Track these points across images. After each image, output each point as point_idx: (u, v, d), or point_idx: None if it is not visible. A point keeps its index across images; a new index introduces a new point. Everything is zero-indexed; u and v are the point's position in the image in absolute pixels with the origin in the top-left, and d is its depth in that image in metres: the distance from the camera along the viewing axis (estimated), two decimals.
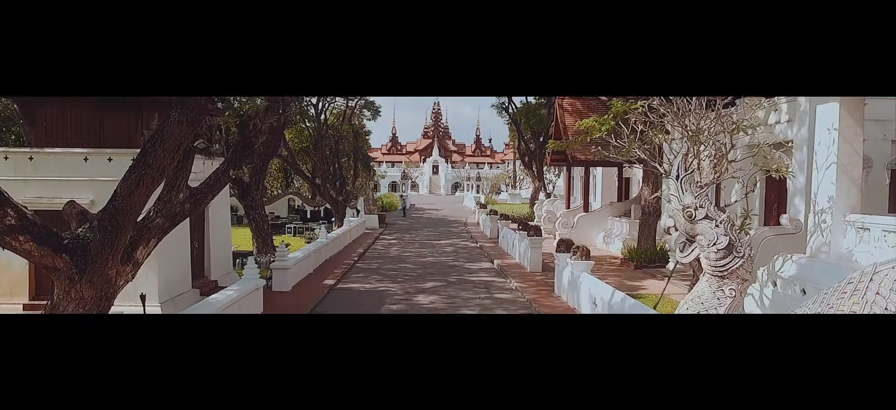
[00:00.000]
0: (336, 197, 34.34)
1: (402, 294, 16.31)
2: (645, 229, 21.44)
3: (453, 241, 31.39)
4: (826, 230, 11.36)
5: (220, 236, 16.13)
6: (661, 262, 20.71)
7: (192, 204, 10.06)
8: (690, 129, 11.58)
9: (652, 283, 17.92)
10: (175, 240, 12.98)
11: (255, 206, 20.99)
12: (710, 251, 7.21)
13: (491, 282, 18.47)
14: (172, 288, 12.87)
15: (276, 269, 15.96)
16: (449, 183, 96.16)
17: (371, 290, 17.02)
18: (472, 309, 14.53)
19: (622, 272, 19.98)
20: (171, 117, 7.67)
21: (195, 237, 14.49)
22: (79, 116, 12.98)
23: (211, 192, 10.29)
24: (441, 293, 16.45)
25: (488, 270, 21.16)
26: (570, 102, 30.89)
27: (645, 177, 21.45)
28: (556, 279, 16.10)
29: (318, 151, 34.05)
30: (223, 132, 26.13)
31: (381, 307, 14.60)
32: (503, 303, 15.23)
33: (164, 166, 8.32)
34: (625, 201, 31.07)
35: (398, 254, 25.53)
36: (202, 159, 13.04)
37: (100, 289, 9.20)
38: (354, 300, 15.61)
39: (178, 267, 13.22)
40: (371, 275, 19.64)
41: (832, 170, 11.14)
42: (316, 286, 17.00)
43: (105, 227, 8.59)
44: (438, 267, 21.55)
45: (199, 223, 14.91)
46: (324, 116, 37.37)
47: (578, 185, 38.72)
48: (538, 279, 18.45)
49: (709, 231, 7.27)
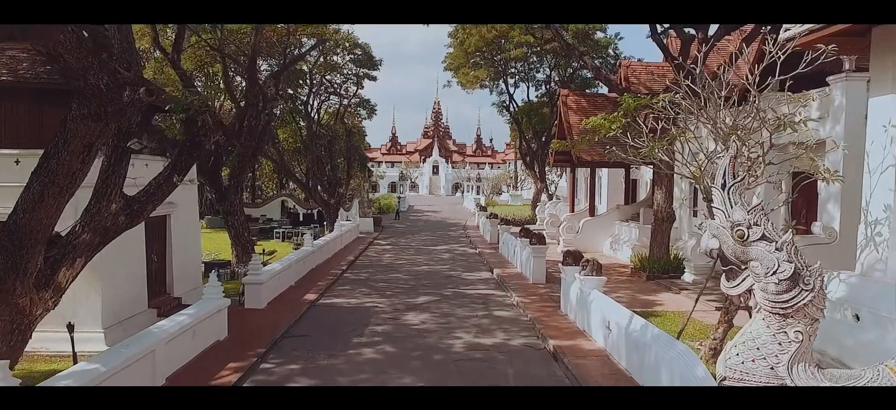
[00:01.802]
0: (328, 200, 32.68)
1: (391, 312, 14.62)
2: (658, 237, 19.73)
3: (451, 247, 29.70)
4: (881, 245, 9.66)
5: (187, 247, 14.45)
6: (675, 272, 19.01)
7: (128, 216, 8.38)
8: (723, 126, 9.86)
9: (667, 297, 16.23)
10: (125, 254, 11.33)
11: (234, 211, 19.36)
12: (769, 282, 5.56)
13: (490, 296, 16.77)
14: (121, 310, 11.21)
15: (249, 284, 14.27)
16: (449, 183, 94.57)
17: (356, 306, 15.33)
18: (468, 331, 12.83)
19: (633, 284, 18.29)
20: (72, 111, 6.03)
21: (154, 249, 12.83)
22: (14, 111, 11.30)
23: (151, 201, 8.61)
24: (434, 310, 14.76)
25: (487, 281, 19.46)
26: (574, 100, 29.22)
27: (657, 180, 19.74)
28: (563, 295, 14.41)
29: (308, 152, 32.42)
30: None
31: (364, 328, 12.91)
32: (503, 323, 13.53)
33: (74, 171, 6.65)
34: (632, 203, 29.37)
35: (391, 262, 23.83)
36: (145, 161, 11.35)
37: (9, 321, 7.53)
38: (336, 319, 13.92)
39: (129, 285, 11.56)
40: (358, 287, 17.94)
41: (890, 174, 9.43)
42: (295, 301, 15.31)
43: (5, 247, 6.92)
44: (433, 278, 19.87)
45: (160, 233, 13.25)
46: (317, 115, 35.74)
47: (583, 186, 37.03)
48: (542, 293, 16.76)
49: (766, 256, 5.60)
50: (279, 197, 46.71)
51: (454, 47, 40.48)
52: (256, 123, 18.83)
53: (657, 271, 19.11)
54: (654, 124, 11.84)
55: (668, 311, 14.42)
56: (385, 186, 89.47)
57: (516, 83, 46.71)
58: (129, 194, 8.46)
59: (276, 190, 48.85)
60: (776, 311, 5.55)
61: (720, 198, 5.98)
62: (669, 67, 28.65)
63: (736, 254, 5.76)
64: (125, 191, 8.46)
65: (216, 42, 19.66)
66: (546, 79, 46.64)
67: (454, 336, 12.39)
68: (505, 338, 12.31)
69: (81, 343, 10.40)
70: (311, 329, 12.88)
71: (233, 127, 19.77)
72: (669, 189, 19.80)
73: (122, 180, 8.19)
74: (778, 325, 5.59)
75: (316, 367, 10.31)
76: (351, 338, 12.12)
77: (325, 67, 33.14)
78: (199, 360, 10.14)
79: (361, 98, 38.72)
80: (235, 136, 18.48)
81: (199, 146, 8.58)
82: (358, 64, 34.47)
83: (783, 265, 5.51)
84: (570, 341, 11.68)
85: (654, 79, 27.53)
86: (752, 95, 9.88)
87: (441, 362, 10.73)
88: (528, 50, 40.21)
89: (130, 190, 8.59)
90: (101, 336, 10.61)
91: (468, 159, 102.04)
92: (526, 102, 46.15)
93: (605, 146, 25.22)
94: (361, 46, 33.61)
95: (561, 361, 10.61)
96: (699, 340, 11.65)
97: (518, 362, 10.80)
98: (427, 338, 12.24)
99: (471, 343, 11.86)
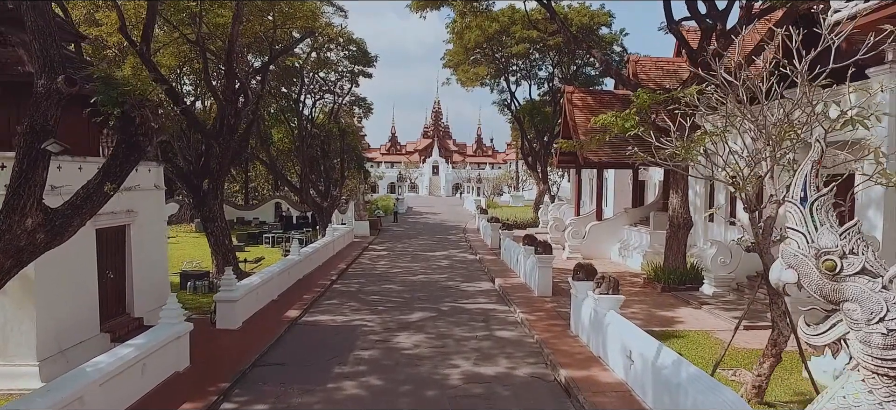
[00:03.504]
0: (321, 203, 31.13)
1: (380, 332, 13.06)
2: (673, 245, 18.17)
3: (450, 252, 28.14)
4: None
5: (152, 260, 12.90)
6: (693, 284, 17.44)
7: (49, 234, 6.81)
8: (772, 124, 8.29)
9: (687, 312, 14.68)
10: (69, 270, 9.79)
11: (214, 217, 17.80)
12: (873, 332, 4.07)
13: (491, 312, 15.21)
14: (64, 337, 9.66)
15: (221, 301, 12.72)
16: (449, 184, 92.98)
17: (343, 325, 13.77)
18: (466, 356, 11.28)
19: (648, 297, 16.74)
20: None
21: (109, 264, 11.28)
22: None
23: (79, 215, 7.04)
24: (429, 330, 13.21)
25: (488, 293, 17.90)
26: (580, 97, 27.65)
27: (673, 182, 18.17)
28: (573, 313, 12.85)
29: (300, 153, 30.87)
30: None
31: (349, 354, 11.36)
32: (506, 347, 11.97)
33: None
34: (641, 206, 27.80)
35: (385, 271, 22.26)
36: (79, 165, 9.77)
37: None
38: (318, 342, 12.36)
39: (74, 307, 10.01)
40: (347, 302, 16.38)
41: None
42: (274, 320, 13.75)
43: None
44: (430, 289, 18.31)
45: (117, 245, 11.70)
46: (311, 114, 34.20)
47: (587, 188, 35.45)
48: (548, 308, 15.21)
49: (869, 297, 4.12)
50: (274, 199, 45.17)
51: (453, 41, 38.88)
52: (236, 122, 17.27)
53: (673, 282, 17.55)
54: (667, 122, 10.29)
55: (689, 330, 12.88)
56: (384, 186, 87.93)
57: (518, 81, 45.22)
58: (55, 205, 6.93)
59: (271, 192, 47.29)
60: (882, 370, 4.04)
61: (799, 216, 4.43)
62: (680, 63, 27.18)
63: (823, 292, 4.22)
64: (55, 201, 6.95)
65: (195, 35, 18.08)
66: (548, 77, 45.13)
67: (451, 364, 10.83)
68: (509, 366, 10.75)
69: (10, 380, 8.88)
70: (288, 356, 11.32)
71: (214, 126, 18.26)
72: (685, 192, 18.24)
73: (40, 189, 6.64)
74: (887, 391, 4.09)
75: (287, 408, 8.76)
76: (332, 367, 10.56)
77: (318, 64, 31.60)
78: (148, 401, 8.58)
79: (357, 96, 37.20)
80: (213, 136, 16.93)
81: (137, 149, 7.03)
82: (353, 61, 32.93)
83: (894, 310, 3.98)
84: (583, 370, 10.11)
85: (664, 75, 25.99)
86: (801, 85, 8.30)
87: (434, 399, 9.17)
88: (530, 46, 38.67)
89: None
90: (36, 371, 9.05)
91: (468, 159, 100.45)
92: (528, 101, 44.61)
93: (617, 147, 23.77)
94: (356, 42, 32.07)
95: (575, 397, 9.05)
96: (733, 369, 10.08)
97: (525, 398, 9.26)
98: (419, 366, 10.69)
99: (470, 374, 10.30)
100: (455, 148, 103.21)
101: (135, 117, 6.92)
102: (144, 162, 13.33)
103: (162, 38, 22.22)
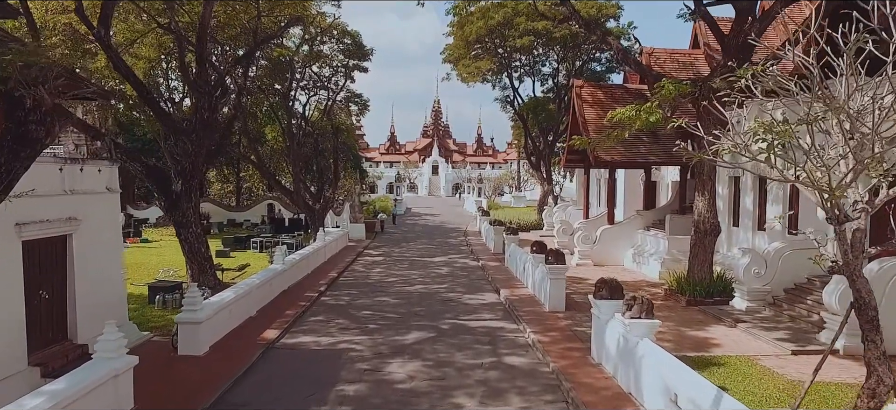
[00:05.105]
0: (312, 205, 29.31)
1: (370, 358, 11.23)
2: (699, 253, 16.30)
3: (450, 258, 26.28)
4: None
5: (103, 275, 11.04)
6: (722, 296, 15.61)
7: None
8: (854, 110, 6.45)
9: (721, 332, 12.86)
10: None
11: (187, 222, 15.95)
12: None
13: (498, 331, 13.37)
14: None
15: (184, 323, 10.86)
16: (449, 184, 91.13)
17: (326, 349, 11.92)
18: (470, 391, 9.45)
19: (672, 312, 14.88)
20: None
21: (43, 283, 9.43)
22: None
23: None
24: (427, 356, 11.36)
25: (494, 307, 16.05)
26: (589, 92, 25.79)
27: (699, 184, 16.31)
28: (595, 336, 11.01)
29: (291, 151, 29.04)
30: None
31: (330, 390, 9.51)
32: (517, 379, 10.13)
33: None
34: (653, 209, 25.95)
35: (379, 280, 20.40)
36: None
37: None
38: (295, 372, 10.52)
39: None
40: (335, 318, 14.54)
41: None
42: (248, 342, 11.91)
43: None
44: (428, 302, 16.46)
45: (56, 259, 9.84)
46: (304, 111, 32.36)
47: (596, 189, 33.59)
48: (562, 326, 13.39)
49: None
50: (266, 200, 43.32)
51: (454, 33, 36.99)
52: (211, 117, 15.43)
53: (700, 294, 15.71)
54: (722, 113, 8.44)
55: (729, 355, 11.04)
56: (383, 186, 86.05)
57: (521, 77, 43.34)
58: None
59: (266, 193, 45.43)
60: None
61: None
62: (697, 55, 25.31)
63: None
64: None
65: (169, 21, 16.24)
66: (553, 72, 43.25)
67: (452, 403, 9.00)
68: (523, 407, 8.92)
69: None
70: (256, 393, 9.47)
71: (190, 121, 16.43)
72: (713, 195, 16.39)
73: None
74: None
75: None
76: (308, 408, 8.74)
77: (310, 58, 29.72)
78: None
79: (352, 92, 35.25)
80: (184, 132, 15.09)
81: (27, 140, 5.19)
82: (348, 54, 31.04)
83: None
84: None
85: (680, 67, 24.12)
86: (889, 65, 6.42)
87: None
88: (534, 39, 36.77)
89: None
90: None
91: (469, 158, 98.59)
92: (531, 98, 42.73)
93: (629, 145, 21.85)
94: (351, 34, 30.20)
95: None
96: None
97: None
98: (414, 408, 8.86)
99: None
100: (455, 148, 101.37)
101: (24, 99, 5.08)
102: (94, 161, 11.50)
103: (141, 28, 20.48)
